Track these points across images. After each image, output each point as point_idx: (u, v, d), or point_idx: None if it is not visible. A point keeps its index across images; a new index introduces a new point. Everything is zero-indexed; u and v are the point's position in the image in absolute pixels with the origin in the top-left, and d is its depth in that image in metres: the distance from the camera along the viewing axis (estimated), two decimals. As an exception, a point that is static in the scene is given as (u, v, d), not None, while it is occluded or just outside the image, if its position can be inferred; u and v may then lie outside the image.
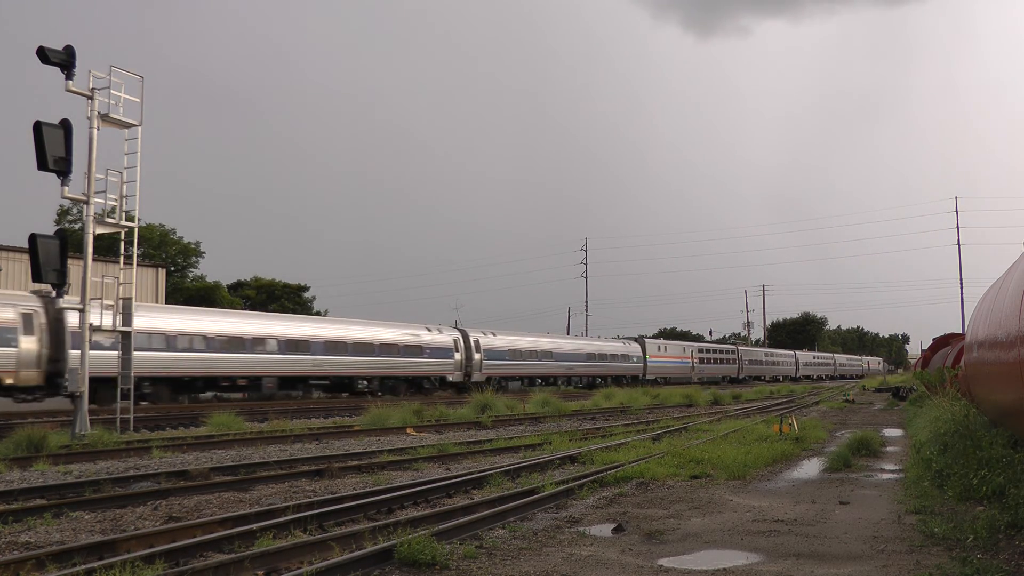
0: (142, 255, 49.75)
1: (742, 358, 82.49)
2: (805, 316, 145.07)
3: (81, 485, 10.90)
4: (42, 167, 17.54)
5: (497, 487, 10.82)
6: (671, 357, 68.34)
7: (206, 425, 20.73)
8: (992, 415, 13.30)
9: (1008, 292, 10.34)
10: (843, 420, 25.23)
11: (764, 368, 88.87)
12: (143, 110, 19.52)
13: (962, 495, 9.35)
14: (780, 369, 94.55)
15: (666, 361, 67.09)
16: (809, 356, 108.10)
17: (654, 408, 32.17)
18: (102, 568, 6.18)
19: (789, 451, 14.97)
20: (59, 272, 17.85)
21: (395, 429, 20.61)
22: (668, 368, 67.22)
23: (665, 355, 67.31)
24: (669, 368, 67.32)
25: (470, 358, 44.16)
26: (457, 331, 45.09)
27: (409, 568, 6.55)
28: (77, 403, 17.93)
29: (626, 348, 61.90)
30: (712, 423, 22.22)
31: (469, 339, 44.73)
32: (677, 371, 68.07)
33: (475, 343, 44.88)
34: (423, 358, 41.00)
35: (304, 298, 75.18)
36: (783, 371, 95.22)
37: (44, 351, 26.55)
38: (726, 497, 10.29)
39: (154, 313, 30.42)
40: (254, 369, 32.65)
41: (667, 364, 67.06)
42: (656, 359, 65.26)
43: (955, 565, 6.43)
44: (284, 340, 33.90)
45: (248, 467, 13.00)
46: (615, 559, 6.96)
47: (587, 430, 20.44)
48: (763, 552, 7.25)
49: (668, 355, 67.98)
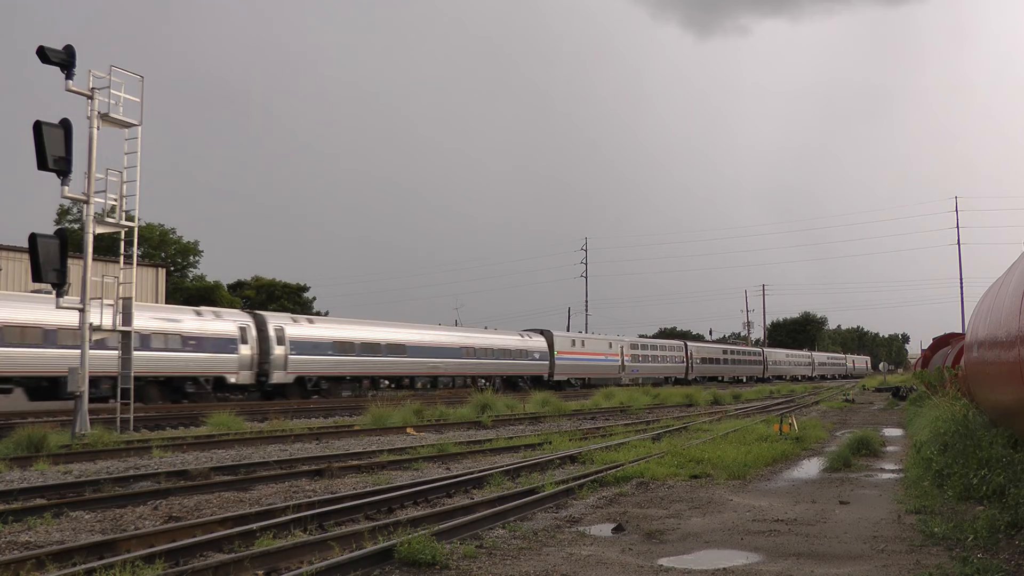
0: (142, 255, 49.83)
1: (692, 356, 71.96)
2: (805, 316, 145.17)
3: (81, 485, 10.90)
4: (42, 167, 17.55)
5: (497, 487, 10.82)
6: (590, 354, 57.15)
7: (206, 425, 20.76)
8: (992, 415, 13.30)
9: (1008, 292, 10.35)
10: (843, 420, 25.24)
11: (721, 368, 77.61)
12: (143, 110, 19.56)
13: (962, 495, 9.35)
14: (743, 369, 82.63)
15: (582, 359, 55.99)
16: (781, 354, 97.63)
17: (654, 408, 32.20)
18: (102, 568, 6.18)
19: (789, 451, 14.97)
20: (59, 272, 17.86)
21: (395, 429, 20.62)
22: (585, 367, 56.28)
23: (581, 351, 56.28)
24: (587, 367, 56.44)
25: (267, 351, 33.86)
26: (248, 315, 35.19)
27: (409, 568, 6.55)
28: (77, 403, 17.93)
29: (524, 342, 51.02)
30: (712, 423, 22.22)
31: (267, 327, 34.39)
32: (598, 370, 57.14)
33: (276, 333, 34.46)
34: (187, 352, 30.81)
35: (304, 298, 75.20)
36: (746, 371, 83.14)
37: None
38: (726, 497, 10.30)
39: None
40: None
41: (584, 362, 56.05)
42: (569, 356, 54.35)
43: (955, 565, 6.43)
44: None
45: (248, 467, 13.01)
46: (615, 559, 6.96)
47: (587, 430, 20.45)
48: (763, 552, 7.25)
49: (586, 351, 56.90)
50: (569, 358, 54.40)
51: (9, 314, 26.12)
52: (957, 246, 76.26)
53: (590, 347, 57.50)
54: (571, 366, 54.61)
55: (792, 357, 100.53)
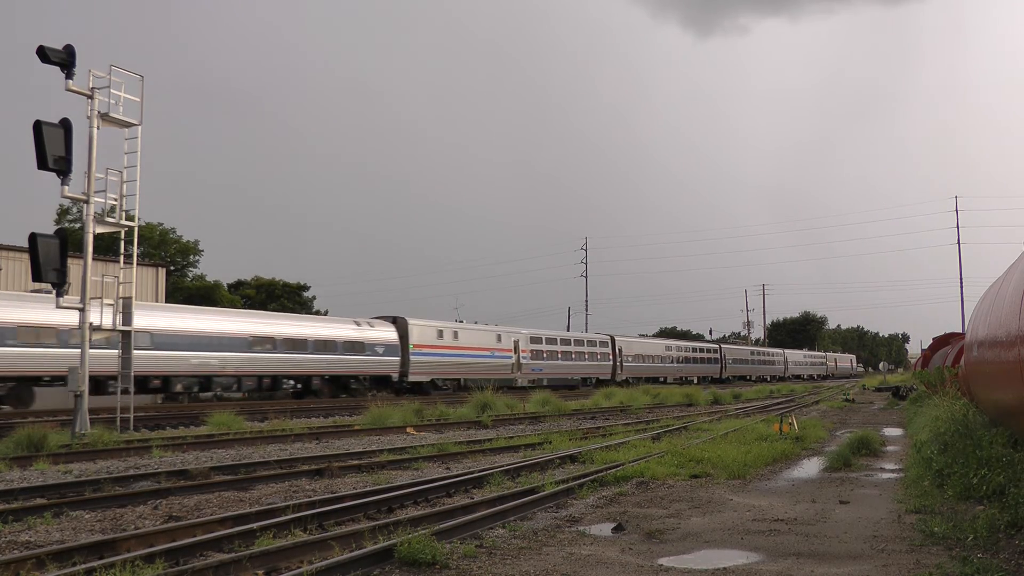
0: (142, 254, 49.78)
1: (621, 352, 59.68)
2: (805, 315, 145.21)
3: (81, 484, 10.90)
4: (42, 166, 17.53)
5: (497, 486, 10.81)
6: (467, 348, 44.88)
7: (206, 424, 20.76)
8: (992, 414, 13.30)
9: (1008, 292, 10.35)
10: (843, 419, 25.24)
11: (662, 367, 65.68)
12: (143, 109, 19.55)
13: (962, 494, 9.35)
14: (692, 368, 71.09)
15: (454, 354, 43.82)
16: (743, 351, 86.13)
17: (654, 407, 32.26)
18: (102, 567, 6.17)
19: (789, 450, 14.97)
20: (59, 271, 17.85)
21: (395, 428, 20.62)
22: (458, 364, 44.08)
23: (452, 345, 43.97)
24: (460, 364, 44.19)
25: None
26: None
27: (409, 567, 6.55)
28: (77, 402, 17.93)
29: (361, 332, 38.82)
30: (712, 422, 22.22)
31: None
32: (479, 369, 44.88)
33: None
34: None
35: (304, 298, 75.20)
36: (697, 371, 71.67)
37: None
38: (726, 496, 10.29)
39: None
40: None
41: (456, 359, 43.91)
42: (432, 350, 42.47)
43: (955, 564, 6.42)
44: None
45: (248, 466, 13.00)
46: (615, 558, 6.96)
47: (587, 429, 20.45)
48: (763, 551, 7.25)
49: (460, 345, 44.49)
50: (432, 353, 42.43)
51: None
52: (957, 246, 76.29)
53: (467, 339, 45.39)
54: (435, 364, 42.61)
55: (758, 356, 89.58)
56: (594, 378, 55.83)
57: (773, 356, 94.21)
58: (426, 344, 42.24)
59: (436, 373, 42.98)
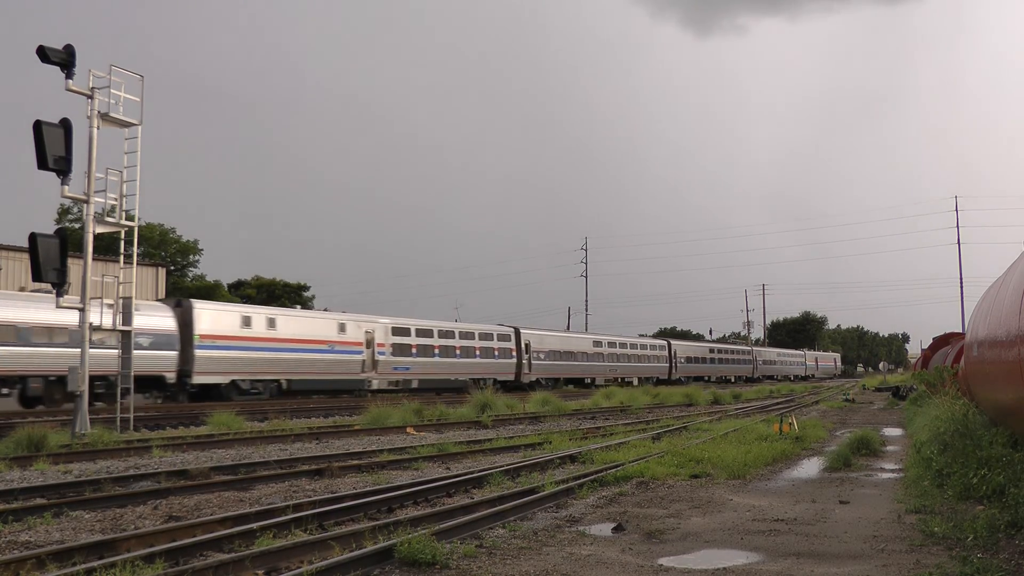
0: (142, 254, 49.76)
1: (529, 348, 50.41)
2: (805, 316, 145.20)
3: (81, 484, 10.90)
4: (42, 166, 17.53)
5: (497, 486, 10.82)
6: (293, 341, 35.29)
7: (206, 424, 20.76)
8: (992, 414, 13.30)
9: (1008, 291, 10.35)
10: (843, 419, 25.24)
11: (587, 366, 56.07)
12: (143, 109, 19.55)
13: (962, 494, 9.35)
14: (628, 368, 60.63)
15: (267, 347, 34.23)
16: (702, 348, 77.81)
17: (654, 407, 32.33)
18: (102, 567, 6.17)
19: (789, 450, 14.97)
20: (59, 271, 17.85)
21: (395, 428, 20.62)
22: (273, 362, 34.39)
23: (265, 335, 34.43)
24: (276, 362, 34.53)
25: None
26: None
27: (409, 567, 6.55)
28: (77, 402, 17.92)
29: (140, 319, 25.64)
30: (712, 422, 22.23)
31: None
32: (311, 368, 36.01)
33: None
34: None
35: (304, 297, 75.20)
36: (636, 371, 61.22)
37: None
38: (726, 496, 10.29)
39: None
40: None
41: (270, 354, 34.19)
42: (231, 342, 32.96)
43: (955, 564, 6.42)
44: None
45: (248, 466, 13.00)
46: (615, 558, 6.96)
47: (587, 429, 20.46)
48: (763, 551, 7.25)
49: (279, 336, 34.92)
50: (232, 346, 32.97)
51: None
52: (957, 246, 76.28)
53: (291, 329, 35.62)
54: (236, 360, 33.01)
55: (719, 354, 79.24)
56: (490, 379, 44.69)
57: (738, 355, 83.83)
58: (222, 335, 32.73)
59: (237, 372, 33.05)
